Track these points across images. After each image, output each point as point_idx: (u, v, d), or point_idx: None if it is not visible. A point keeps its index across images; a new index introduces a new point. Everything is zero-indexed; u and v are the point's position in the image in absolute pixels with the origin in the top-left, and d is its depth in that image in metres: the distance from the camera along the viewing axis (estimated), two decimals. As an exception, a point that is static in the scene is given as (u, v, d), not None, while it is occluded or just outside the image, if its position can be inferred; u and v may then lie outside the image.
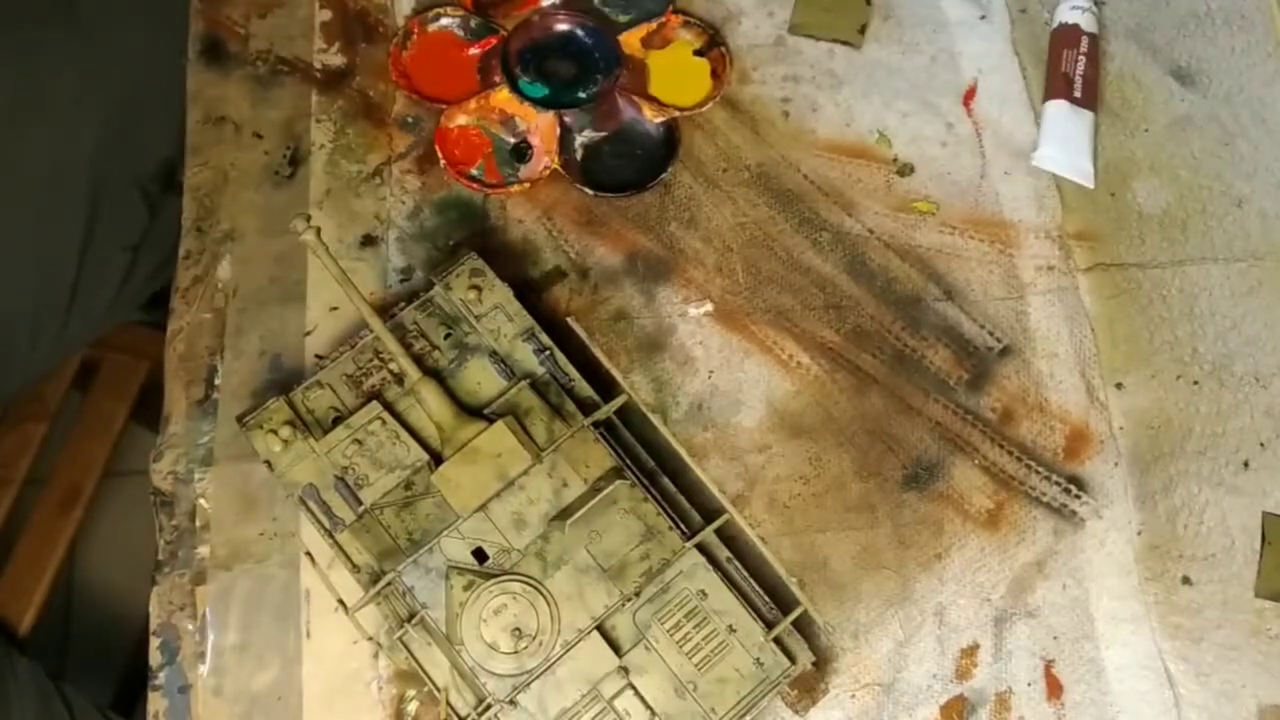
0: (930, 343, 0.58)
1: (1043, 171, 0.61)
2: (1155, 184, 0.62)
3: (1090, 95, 0.62)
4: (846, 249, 0.60)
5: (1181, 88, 0.64)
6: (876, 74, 0.64)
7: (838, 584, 0.53)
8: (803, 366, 0.57)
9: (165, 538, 0.53)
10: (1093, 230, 0.60)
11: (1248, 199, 0.61)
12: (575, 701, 0.47)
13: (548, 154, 0.60)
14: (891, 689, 0.51)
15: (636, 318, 0.58)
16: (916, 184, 0.61)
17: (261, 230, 0.59)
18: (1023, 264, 0.59)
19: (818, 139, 0.62)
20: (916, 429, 0.56)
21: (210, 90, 0.62)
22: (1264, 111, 0.63)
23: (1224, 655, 0.52)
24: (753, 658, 0.48)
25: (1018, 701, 0.51)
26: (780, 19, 0.65)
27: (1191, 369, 0.57)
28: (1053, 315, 0.58)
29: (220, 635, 0.51)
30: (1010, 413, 0.56)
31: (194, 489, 0.54)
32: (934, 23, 0.65)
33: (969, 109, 0.63)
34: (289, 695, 0.50)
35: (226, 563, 0.52)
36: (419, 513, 0.50)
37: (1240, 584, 0.53)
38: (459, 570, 0.48)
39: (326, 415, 0.51)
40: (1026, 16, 0.66)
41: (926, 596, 0.53)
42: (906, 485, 0.55)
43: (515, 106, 0.61)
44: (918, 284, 0.59)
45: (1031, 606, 0.53)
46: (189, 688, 0.51)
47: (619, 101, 0.62)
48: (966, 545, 0.54)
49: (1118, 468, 0.56)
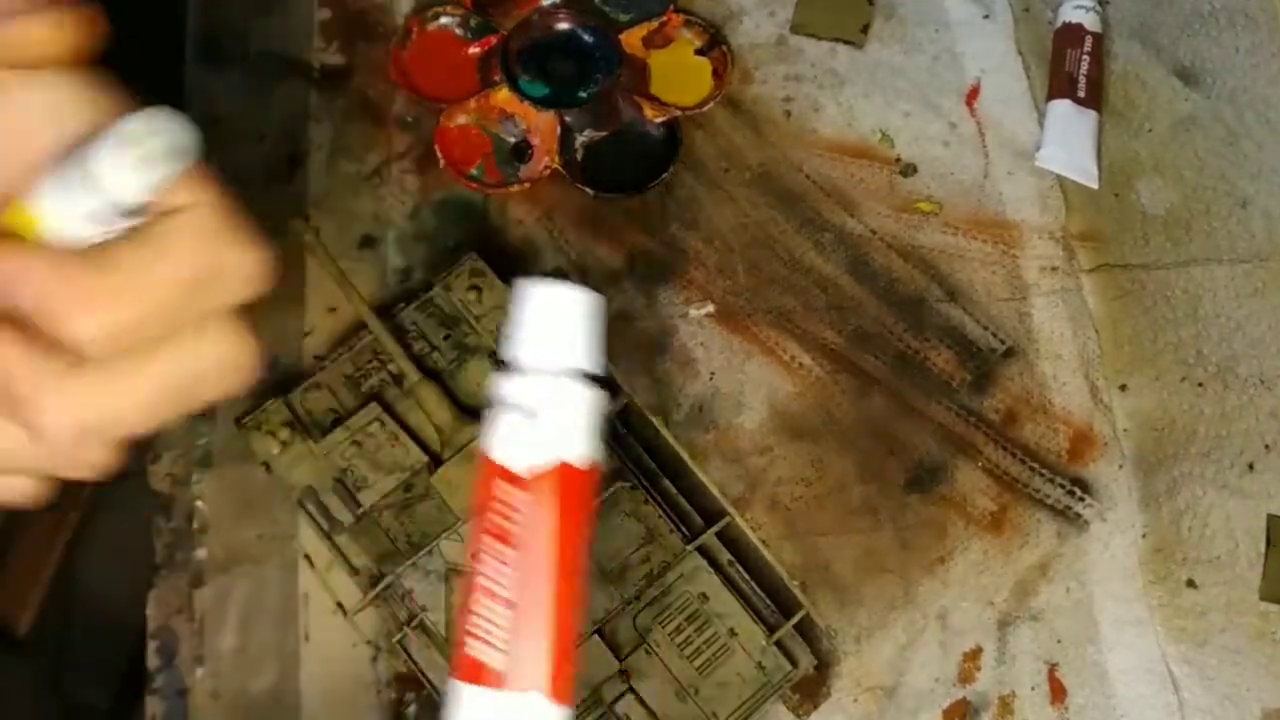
0: (933, 344, 0.57)
1: (1046, 172, 0.61)
2: (1159, 184, 0.61)
3: (1094, 95, 0.62)
4: (849, 249, 0.59)
5: (1186, 87, 0.63)
6: (879, 73, 0.64)
7: (840, 587, 0.53)
8: (805, 368, 0.57)
9: (163, 540, 0.53)
10: (1096, 231, 0.60)
11: (1252, 199, 0.61)
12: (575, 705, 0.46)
13: (548, 154, 0.60)
14: (894, 693, 0.51)
15: (637, 319, 0.57)
16: (919, 184, 0.61)
17: (260, 230, 0.58)
18: (1026, 265, 0.59)
19: (820, 139, 0.62)
20: (919, 431, 0.56)
21: (208, 89, 0.62)
22: (1269, 112, 0.63)
23: (1228, 659, 0.52)
24: (754, 661, 0.48)
25: (1021, 706, 0.51)
26: (782, 18, 0.65)
27: (1196, 371, 0.57)
28: (1056, 316, 0.58)
29: (218, 638, 0.51)
30: (1014, 415, 0.56)
31: (192, 491, 0.53)
32: (937, 22, 0.65)
33: (972, 109, 0.63)
34: (287, 698, 0.50)
35: (225, 565, 0.52)
36: (418, 515, 0.50)
37: (1245, 587, 0.53)
38: (459, 572, 0.48)
39: (325, 417, 0.51)
40: (1030, 16, 0.65)
41: (929, 600, 0.53)
42: (909, 488, 0.55)
43: (515, 106, 0.61)
44: (920, 285, 0.58)
45: (1035, 610, 0.53)
46: (187, 691, 0.50)
47: (619, 101, 0.62)
48: (969, 548, 0.54)
49: (1122, 470, 0.55)
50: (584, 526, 0.25)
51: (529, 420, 0.25)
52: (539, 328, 0.26)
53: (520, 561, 0.25)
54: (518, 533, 0.25)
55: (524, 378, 0.26)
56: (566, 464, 0.25)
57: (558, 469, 0.25)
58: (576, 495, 0.25)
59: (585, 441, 0.26)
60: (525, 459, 0.25)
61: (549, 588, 0.25)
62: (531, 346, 0.26)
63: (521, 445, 0.25)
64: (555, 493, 0.25)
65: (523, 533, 0.25)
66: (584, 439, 0.26)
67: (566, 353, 0.26)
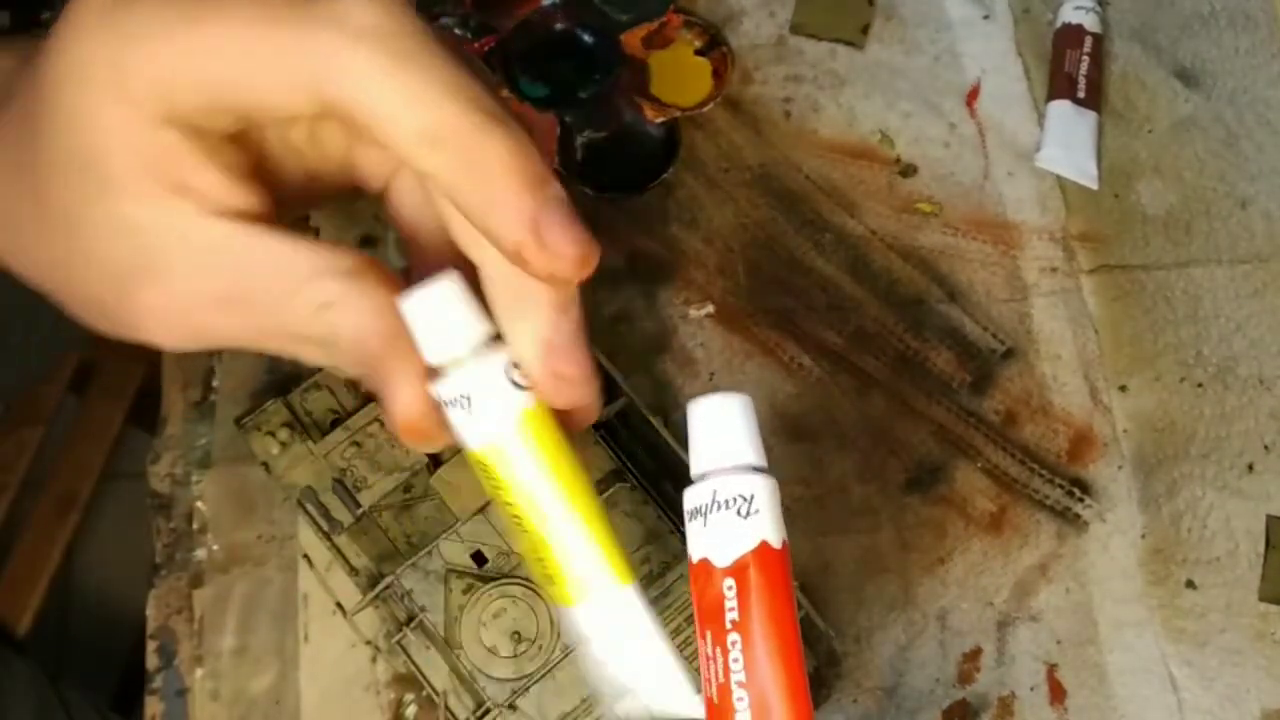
0: (933, 345, 0.57)
1: (1046, 172, 0.61)
2: (1159, 185, 0.61)
3: (1094, 96, 0.62)
4: (849, 250, 0.59)
5: (1185, 88, 0.63)
6: (879, 74, 0.64)
7: (839, 588, 0.53)
8: (804, 369, 0.57)
9: (162, 540, 0.53)
10: (1096, 232, 0.60)
11: (1252, 200, 0.61)
12: (575, 706, 0.46)
13: (548, 154, 0.60)
14: (894, 693, 0.51)
15: (637, 319, 0.57)
16: (919, 185, 0.61)
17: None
18: (1026, 265, 0.59)
19: (820, 139, 0.62)
20: (919, 432, 0.55)
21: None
22: (1269, 113, 0.63)
23: (1228, 659, 0.52)
24: (754, 662, 0.48)
25: (1021, 706, 0.51)
26: (782, 19, 0.65)
27: (1196, 372, 0.57)
28: (1056, 317, 0.58)
29: (218, 638, 0.51)
30: (1013, 415, 0.56)
31: (191, 491, 0.53)
32: (937, 22, 0.65)
33: (972, 109, 0.63)
34: (287, 699, 0.50)
35: (224, 565, 0.52)
36: (418, 515, 0.50)
37: (1244, 588, 0.53)
38: (458, 573, 0.48)
39: (325, 417, 0.51)
40: (1030, 16, 0.65)
41: (929, 600, 0.53)
42: (909, 488, 0.55)
43: (515, 107, 0.61)
44: (920, 286, 0.58)
45: (1034, 610, 0.53)
46: (186, 691, 0.50)
47: (619, 101, 0.62)
48: (969, 549, 0.54)
49: (1121, 471, 0.55)
50: (791, 597, 0.29)
51: (733, 518, 0.29)
52: (714, 438, 0.31)
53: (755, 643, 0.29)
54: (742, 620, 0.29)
55: (707, 482, 0.30)
56: (767, 545, 0.29)
57: (762, 552, 0.29)
58: (782, 570, 0.29)
59: (776, 525, 0.30)
60: (734, 551, 0.29)
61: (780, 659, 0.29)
62: (710, 456, 0.30)
63: (729, 540, 0.29)
64: (765, 573, 0.29)
65: (745, 618, 0.29)
66: (775, 524, 0.30)
67: (742, 455, 0.30)
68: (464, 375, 0.29)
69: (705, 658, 0.29)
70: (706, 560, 0.29)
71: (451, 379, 0.29)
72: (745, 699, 0.28)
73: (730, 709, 0.28)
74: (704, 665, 0.29)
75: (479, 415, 0.29)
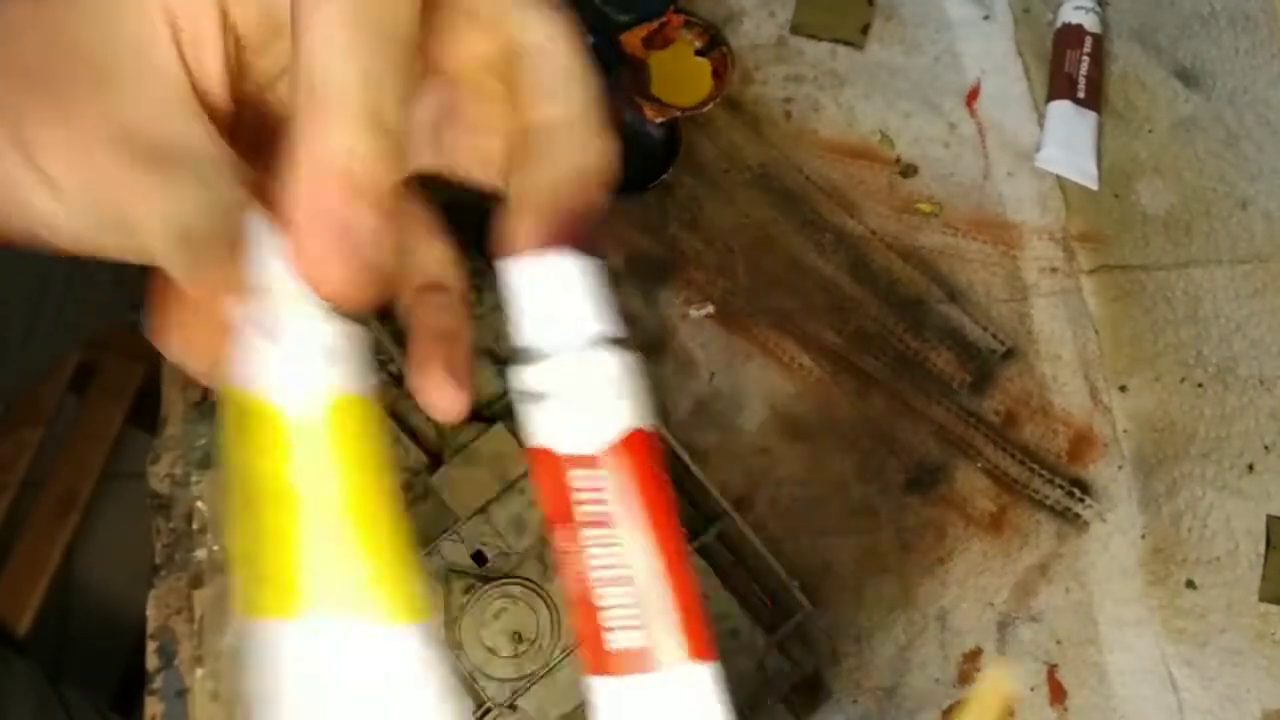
0: (933, 345, 0.57)
1: (1046, 172, 0.61)
2: (1159, 185, 0.61)
3: (1094, 96, 0.62)
4: (849, 250, 0.59)
5: (1185, 89, 0.63)
6: (879, 74, 0.64)
7: (840, 588, 0.53)
8: (805, 369, 0.57)
9: (162, 541, 0.53)
10: (1096, 232, 0.60)
11: (1252, 200, 0.61)
12: (575, 706, 0.46)
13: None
14: (894, 693, 0.51)
15: (637, 319, 0.57)
16: (919, 185, 0.61)
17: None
18: (1026, 266, 0.59)
19: (820, 139, 0.62)
20: (919, 432, 0.55)
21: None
22: (1268, 113, 0.63)
23: (1228, 659, 0.52)
24: (755, 662, 0.48)
25: (1021, 706, 0.51)
26: (782, 19, 0.65)
27: (1196, 372, 0.57)
28: (1056, 317, 0.58)
29: (218, 638, 0.51)
30: (1013, 416, 0.56)
31: (191, 491, 0.53)
32: (937, 23, 0.65)
33: (972, 109, 0.63)
34: (287, 699, 0.50)
35: (224, 565, 0.52)
36: (418, 515, 0.49)
37: (1244, 588, 0.53)
38: (458, 573, 0.48)
39: (325, 417, 0.51)
40: (1030, 17, 0.65)
41: (929, 600, 0.53)
42: (909, 489, 0.55)
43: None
44: (920, 286, 0.58)
45: (1034, 610, 0.53)
46: (186, 691, 0.50)
47: (619, 102, 0.62)
48: (969, 549, 0.54)
49: (1122, 471, 0.55)
50: (666, 483, 0.24)
51: (577, 401, 0.24)
52: (545, 307, 0.24)
53: (625, 537, 0.24)
54: (612, 511, 0.24)
55: (549, 361, 0.24)
56: (630, 429, 0.24)
57: (626, 437, 0.24)
58: (650, 455, 0.24)
59: (637, 404, 0.24)
60: (591, 440, 0.24)
61: (658, 551, 0.24)
62: (544, 328, 0.24)
63: (580, 428, 0.24)
64: (633, 458, 0.24)
65: (616, 509, 0.24)
66: (634, 402, 0.24)
67: (585, 323, 0.24)
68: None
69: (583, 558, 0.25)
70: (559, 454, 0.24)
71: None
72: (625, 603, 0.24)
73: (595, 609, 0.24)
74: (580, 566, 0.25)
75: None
